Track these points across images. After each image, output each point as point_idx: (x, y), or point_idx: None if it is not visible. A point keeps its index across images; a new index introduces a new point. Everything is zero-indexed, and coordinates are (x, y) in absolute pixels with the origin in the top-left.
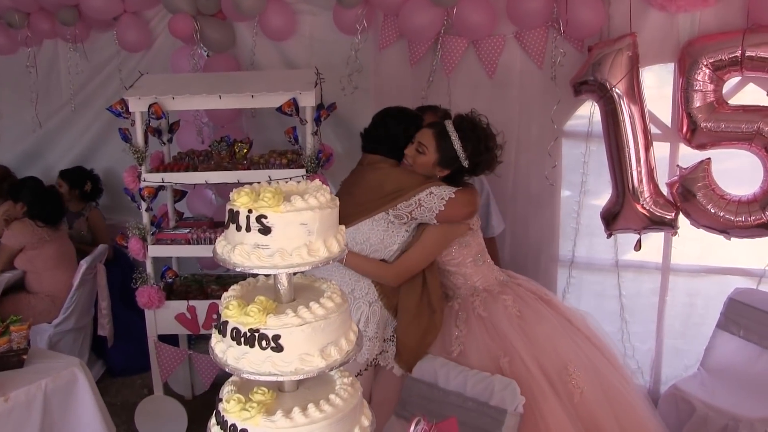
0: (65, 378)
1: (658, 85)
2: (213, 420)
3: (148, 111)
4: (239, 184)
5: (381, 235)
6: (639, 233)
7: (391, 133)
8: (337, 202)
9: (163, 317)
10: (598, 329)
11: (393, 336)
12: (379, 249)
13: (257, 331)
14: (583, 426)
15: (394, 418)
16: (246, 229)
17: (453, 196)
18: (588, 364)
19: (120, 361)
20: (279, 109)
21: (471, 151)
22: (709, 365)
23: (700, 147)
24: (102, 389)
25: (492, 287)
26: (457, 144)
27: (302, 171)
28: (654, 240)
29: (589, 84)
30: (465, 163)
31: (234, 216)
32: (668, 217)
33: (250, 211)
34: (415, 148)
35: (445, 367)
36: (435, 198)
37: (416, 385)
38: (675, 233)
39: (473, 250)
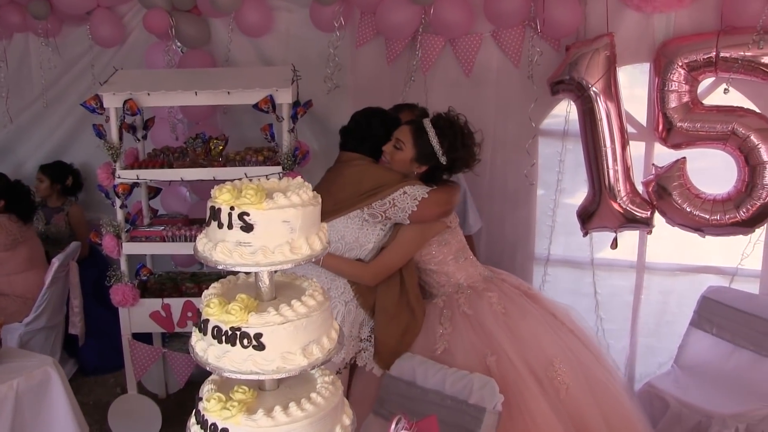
0: (38, 377)
1: (630, 84)
2: (192, 419)
3: (123, 107)
4: (215, 182)
5: (356, 233)
6: (615, 231)
7: (373, 132)
8: (320, 200)
9: (137, 315)
10: (582, 322)
11: (370, 336)
12: (354, 247)
13: (239, 329)
14: (570, 421)
15: (372, 417)
16: (228, 227)
17: (426, 196)
18: (573, 359)
19: (93, 360)
20: (255, 106)
21: (448, 147)
22: (683, 362)
23: (676, 146)
24: (74, 388)
25: (476, 284)
26: (434, 140)
27: (278, 168)
28: (629, 238)
29: (566, 83)
30: (442, 159)
31: (216, 213)
32: (644, 215)
33: (232, 208)
34: (393, 145)
35: (423, 365)
36: (408, 198)
37: (395, 383)
38: (650, 232)
39: (453, 248)
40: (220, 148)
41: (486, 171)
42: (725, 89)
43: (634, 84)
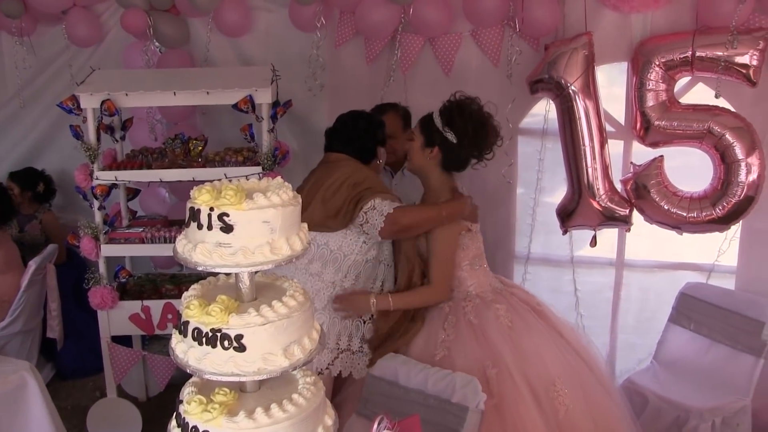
0: (14, 382)
1: (608, 84)
2: (173, 422)
3: (101, 108)
4: (194, 182)
5: (339, 241)
6: (594, 229)
7: (359, 133)
8: (299, 200)
9: (116, 318)
10: (588, 342)
11: (362, 347)
12: (337, 257)
13: (219, 331)
14: None
15: (355, 417)
16: (207, 228)
17: (391, 211)
18: (576, 380)
19: (71, 364)
20: (235, 107)
21: (448, 118)
22: (662, 358)
23: (654, 145)
24: (52, 393)
25: (485, 294)
26: (437, 119)
27: (258, 168)
28: (608, 236)
29: (545, 82)
30: (450, 137)
31: (195, 214)
32: (623, 213)
33: (211, 208)
34: (407, 138)
35: (406, 365)
36: (377, 214)
37: (377, 383)
38: (629, 229)
39: (471, 253)
40: (200, 148)
41: (465, 170)
42: (717, 94)
43: (613, 83)
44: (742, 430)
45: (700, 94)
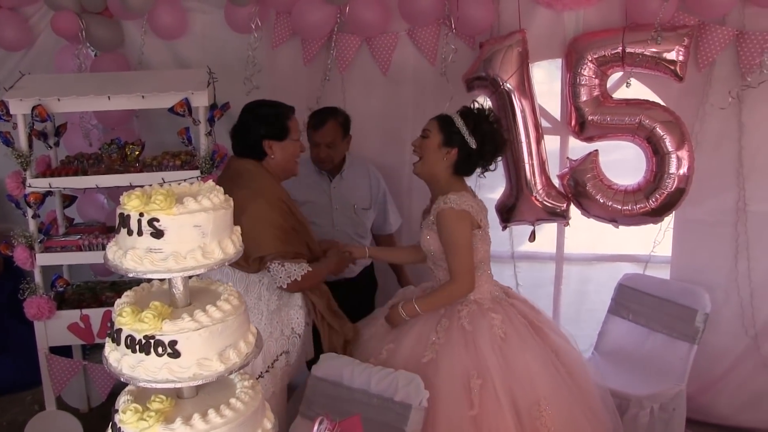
0: None
1: (549, 80)
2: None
3: (32, 113)
4: (132, 188)
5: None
6: (533, 225)
7: (246, 128)
8: (231, 203)
9: (54, 328)
10: (584, 362)
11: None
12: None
13: (153, 337)
14: None
15: (299, 419)
16: (138, 233)
17: (299, 279)
18: (563, 403)
19: (8, 377)
20: (171, 110)
21: (473, 127)
22: (602, 349)
23: (589, 139)
24: None
25: (484, 301)
26: (459, 121)
27: (197, 172)
28: (547, 231)
29: (481, 79)
30: (470, 141)
31: (125, 220)
32: (560, 208)
33: (141, 214)
34: (420, 135)
35: (349, 365)
36: (284, 275)
37: (320, 384)
38: (567, 223)
39: (478, 256)
40: (137, 153)
41: (405, 169)
42: (627, 83)
43: (553, 79)
44: (678, 414)
45: (632, 89)
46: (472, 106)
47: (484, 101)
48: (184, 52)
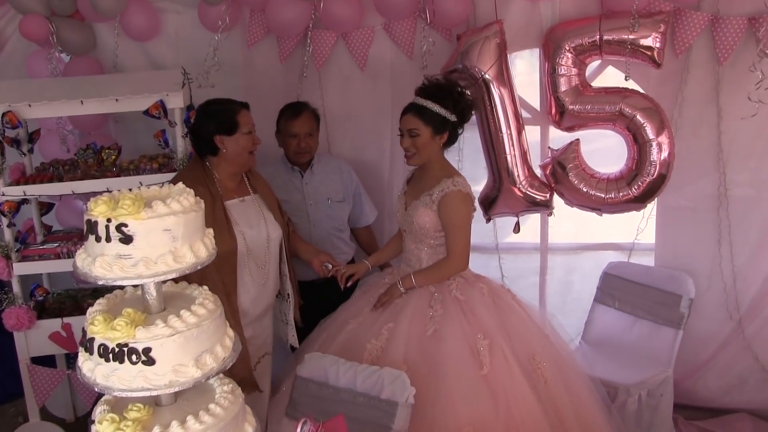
0: None
1: (529, 71)
2: None
3: (2, 120)
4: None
5: None
6: (517, 216)
7: (196, 124)
8: (202, 205)
9: (35, 338)
10: (557, 324)
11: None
12: None
13: (126, 345)
14: (552, 411)
15: (285, 420)
16: (106, 239)
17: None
18: (550, 356)
19: None
20: (146, 113)
21: (451, 104)
22: (589, 338)
23: (569, 129)
24: None
25: (467, 276)
26: (436, 107)
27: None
28: (531, 221)
29: (459, 72)
30: (452, 118)
31: (92, 226)
32: (543, 198)
33: (109, 220)
34: (408, 136)
35: (335, 364)
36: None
37: (306, 384)
38: (551, 213)
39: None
40: (113, 157)
41: (385, 162)
42: (627, 76)
43: (533, 70)
44: (666, 399)
45: (610, 77)
46: (425, 82)
47: None
48: (158, 53)
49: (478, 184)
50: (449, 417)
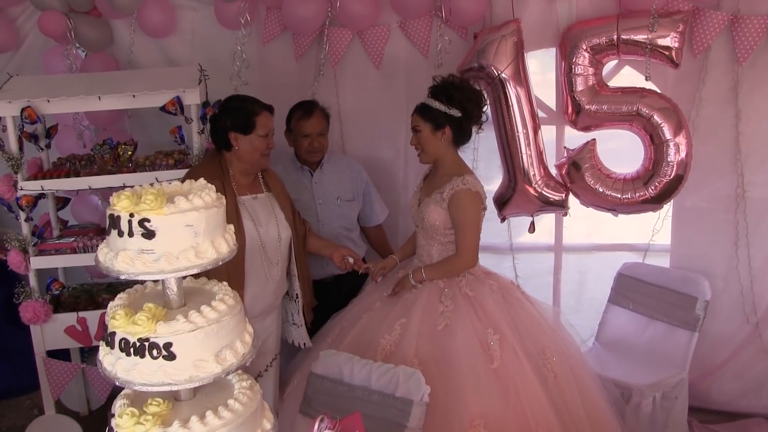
0: None
1: (543, 70)
2: None
3: (21, 115)
4: (124, 188)
5: None
6: (532, 216)
7: (213, 120)
8: (224, 201)
9: (51, 332)
10: (570, 327)
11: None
12: None
13: (147, 340)
14: (562, 407)
15: (299, 417)
16: (129, 234)
17: None
18: (560, 351)
19: (6, 382)
20: (162, 109)
21: (448, 98)
22: (603, 339)
23: (585, 129)
24: None
25: (476, 272)
26: (435, 103)
27: None
28: (546, 221)
29: (475, 70)
30: (454, 113)
31: (115, 221)
32: (558, 198)
33: (131, 215)
34: (413, 133)
35: (349, 362)
36: None
37: (320, 381)
38: (566, 213)
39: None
40: (129, 153)
41: (400, 161)
42: (647, 76)
43: (547, 69)
44: (680, 401)
45: (627, 76)
46: (435, 82)
47: None
48: (174, 50)
49: (493, 183)
50: (460, 410)
